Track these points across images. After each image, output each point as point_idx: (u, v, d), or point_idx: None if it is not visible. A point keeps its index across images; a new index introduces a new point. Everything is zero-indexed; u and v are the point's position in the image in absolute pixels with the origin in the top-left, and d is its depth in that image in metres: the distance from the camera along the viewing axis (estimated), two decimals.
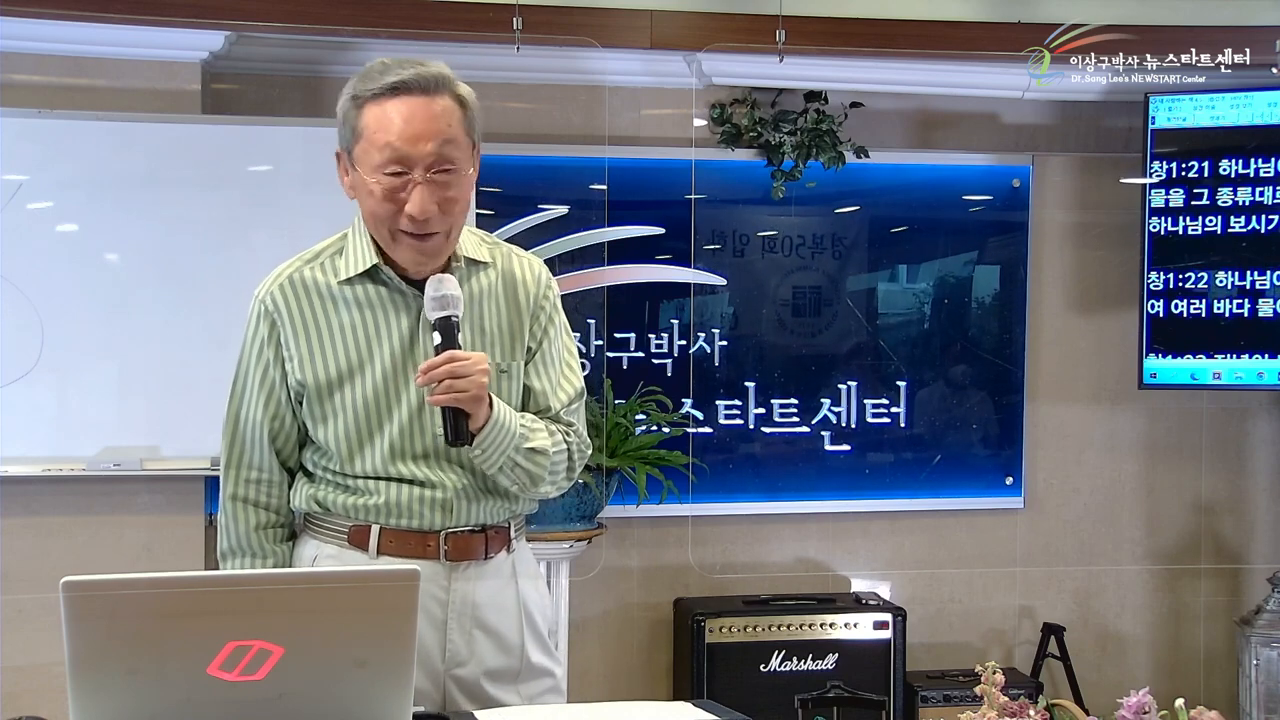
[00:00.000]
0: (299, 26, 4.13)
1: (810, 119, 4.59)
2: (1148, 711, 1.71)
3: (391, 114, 2.15)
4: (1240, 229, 4.50)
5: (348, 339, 2.25)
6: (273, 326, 2.27)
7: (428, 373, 2.12)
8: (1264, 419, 5.02)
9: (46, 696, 3.60)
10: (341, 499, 2.27)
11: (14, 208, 4.03)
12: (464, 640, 2.28)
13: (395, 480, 2.24)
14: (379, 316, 2.25)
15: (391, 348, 2.24)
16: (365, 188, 2.20)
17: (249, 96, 4.43)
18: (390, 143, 2.15)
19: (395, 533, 2.25)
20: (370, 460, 2.24)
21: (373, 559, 2.25)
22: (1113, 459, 4.97)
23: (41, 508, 4.12)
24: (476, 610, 2.28)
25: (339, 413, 2.24)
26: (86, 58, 4.18)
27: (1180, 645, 5.02)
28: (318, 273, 2.30)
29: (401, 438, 2.24)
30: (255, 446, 2.31)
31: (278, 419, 2.30)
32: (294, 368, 2.26)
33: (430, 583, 2.21)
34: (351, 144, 2.20)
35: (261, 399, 2.30)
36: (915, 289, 4.85)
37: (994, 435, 4.89)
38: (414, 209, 2.15)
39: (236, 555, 2.33)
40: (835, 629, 4.43)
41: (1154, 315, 4.58)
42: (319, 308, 2.27)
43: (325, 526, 2.30)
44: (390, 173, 2.16)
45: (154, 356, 4.11)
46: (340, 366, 2.24)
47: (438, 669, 2.26)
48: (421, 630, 2.17)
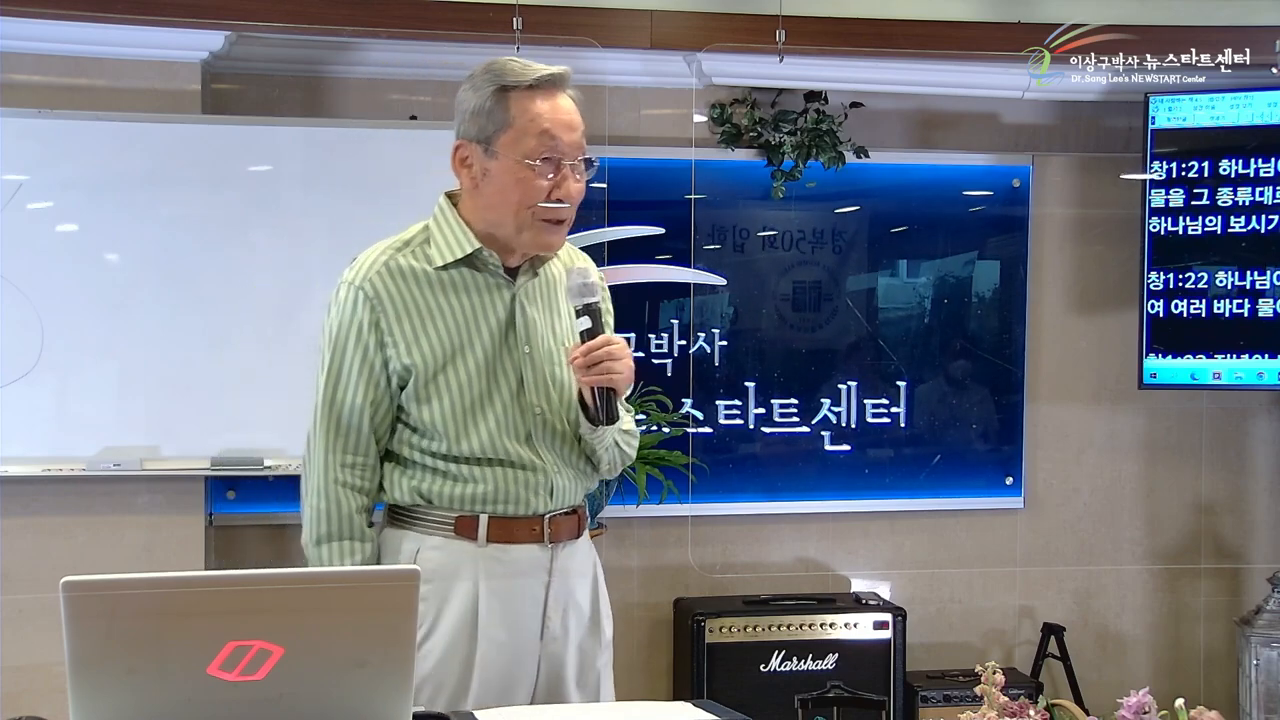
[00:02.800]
0: (299, 26, 4.13)
1: (810, 119, 4.59)
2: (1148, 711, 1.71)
3: (544, 105, 2.31)
4: (1240, 229, 4.50)
5: (449, 322, 2.34)
6: (373, 311, 2.33)
7: (588, 354, 2.28)
8: (1264, 419, 5.02)
9: (46, 696, 3.59)
10: (447, 489, 2.34)
11: (14, 208, 4.03)
12: (559, 618, 2.39)
13: (500, 463, 2.33)
14: (475, 300, 2.36)
15: (491, 330, 2.35)
16: (511, 173, 2.31)
17: (249, 96, 4.43)
18: (547, 130, 2.30)
19: (503, 520, 2.34)
20: (476, 440, 2.32)
21: (481, 547, 2.33)
22: (1113, 459, 4.97)
23: (41, 508, 4.12)
24: (569, 589, 2.40)
25: (444, 393, 2.32)
26: (86, 58, 4.18)
27: (1180, 645, 5.02)
28: (412, 259, 2.37)
29: (506, 418, 2.34)
30: (355, 430, 2.35)
31: (378, 402, 2.34)
32: (400, 351, 2.32)
33: (534, 566, 2.36)
34: (495, 133, 2.32)
35: (363, 383, 2.34)
36: (915, 289, 4.85)
37: (994, 435, 4.89)
38: (564, 193, 2.32)
39: (336, 540, 2.34)
40: (835, 629, 4.44)
41: (1154, 315, 4.58)
42: (418, 292, 2.35)
43: (426, 519, 2.36)
44: (543, 158, 2.30)
45: (154, 356, 4.11)
46: (445, 348, 2.33)
47: (534, 648, 2.37)
48: (521, 611, 2.35)
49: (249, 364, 4.15)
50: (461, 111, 2.36)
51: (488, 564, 2.34)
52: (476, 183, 2.36)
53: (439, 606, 2.33)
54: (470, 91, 2.35)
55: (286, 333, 4.18)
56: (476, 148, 2.34)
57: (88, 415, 4.10)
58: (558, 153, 2.31)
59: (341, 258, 4.18)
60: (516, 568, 2.36)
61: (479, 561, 2.34)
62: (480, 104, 2.33)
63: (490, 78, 2.33)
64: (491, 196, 2.34)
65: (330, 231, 4.22)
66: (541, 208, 2.31)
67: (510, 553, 2.35)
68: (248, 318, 4.17)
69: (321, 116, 4.42)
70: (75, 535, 4.15)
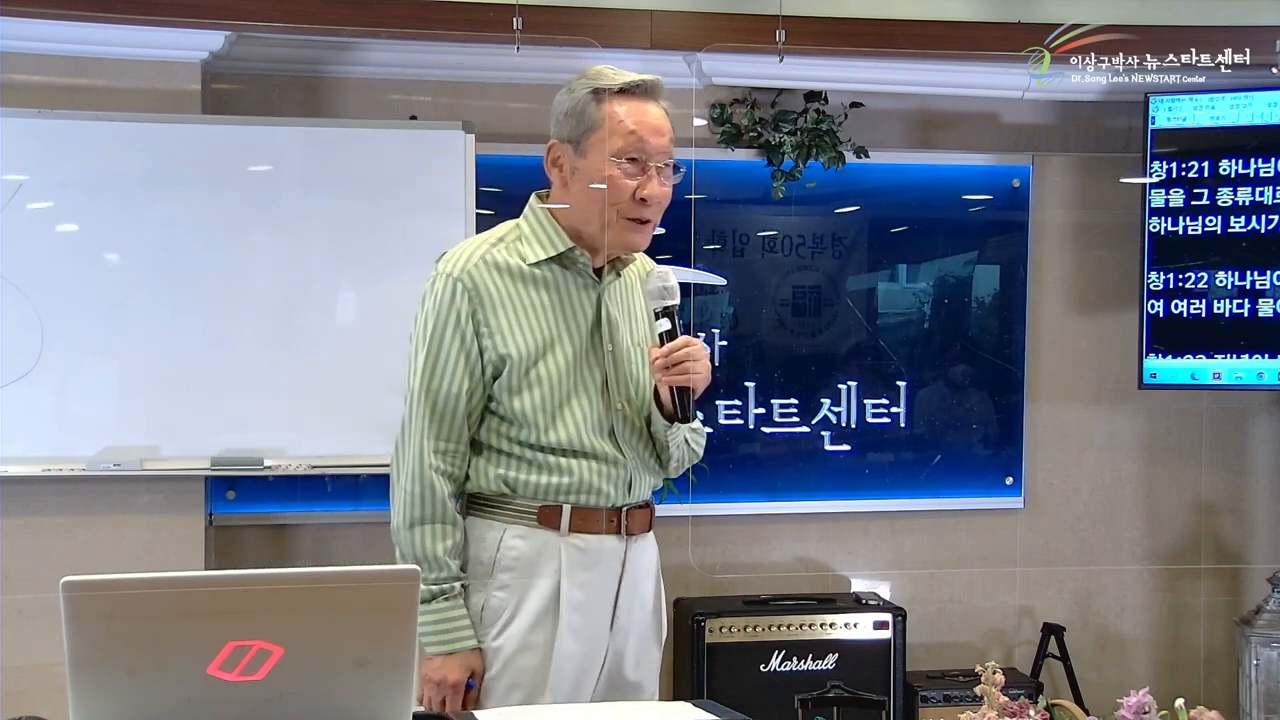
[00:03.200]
0: (299, 26, 4.13)
1: (810, 119, 4.59)
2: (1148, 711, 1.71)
3: (632, 108, 2.44)
4: (1240, 229, 4.50)
5: (542, 316, 2.45)
6: (470, 302, 2.42)
7: (669, 355, 2.40)
8: (1264, 419, 5.02)
9: (46, 696, 3.60)
10: (533, 479, 2.42)
11: (14, 208, 4.03)
12: (626, 611, 2.50)
13: (585, 456, 2.43)
14: (565, 298, 2.47)
15: (580, 326, 2.47)
16: (599, 172, 2.43)
17: (249, 96, 4.43)
18: (634, 132, 2.42)
19: (585, 511, 2.44)
20: (564, 431, 2.41)
21: (563, 536, 2.42)
22: (1113, 459, 4.97)
23: (41, 508, 4.12)
24: (636, 582, 2.51)
25: (536, 385, 2.42)
26: (86, 58, 4.17)
27: (1180, 645, 5.02)
28: (506, 255, 2.47)
29: (591, 412, 2.45)
30: (450, 417, 2.43)
31: (473, 391, 2.43)
32: (496, 341, 2.42)
33: (611, 557, 2.47)
34: (585, 134, 2.44)
35: (460, 371, 2.43)
36: (915, 289, 4.85)
37: (994, 435, 4.89)
38: (649, 193, 2.43)
39: (429, 523, 2.42)
40: (835, 629, 4.43)
41: (1154, 315, 4.58)
42: (512, 286, 2.45)
43: (510, 508, 2.44)
44: (630, 159, 2.42)
45: (154, 356, 4.10)
46: (538, 340, 2.43)
47: (605, 639, 2.48)
48: (597, 601, 2.45)
49: (249, 364, 4.15)
50: (556, 114, 2.48)
51: (569, 553, 2.43)
52: (566, 181, 2.48)
53: (520, 595, 2.42)
54: (566, 95, 2.47)
55: (286, 333, 4.18)
56: (567, 147, 2.46)
57: (88, 415, 4.10)
58: (643, 154, 2.42)
59: (342, 258, 4.24)
60: (595, 558, 2.45)
61: (561, 550, 2.42)
62: (573, 106, 2.45)
63: (585, 82, 2.46)
64: (579, 195, 2.46)
65: (330, 231, 4.22)
66: (626, 206, 2.42)
67: (590, 543, 2.45)
68: (248, 318, 4.17)
69: (321, 116, 4.42)
70: (75, 535, 4.15)
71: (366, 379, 4.19)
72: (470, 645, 2.42)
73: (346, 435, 4.18)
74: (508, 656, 2.42)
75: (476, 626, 2.43)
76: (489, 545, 2.43)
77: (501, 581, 2.43)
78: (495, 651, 2.43)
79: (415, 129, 4.32)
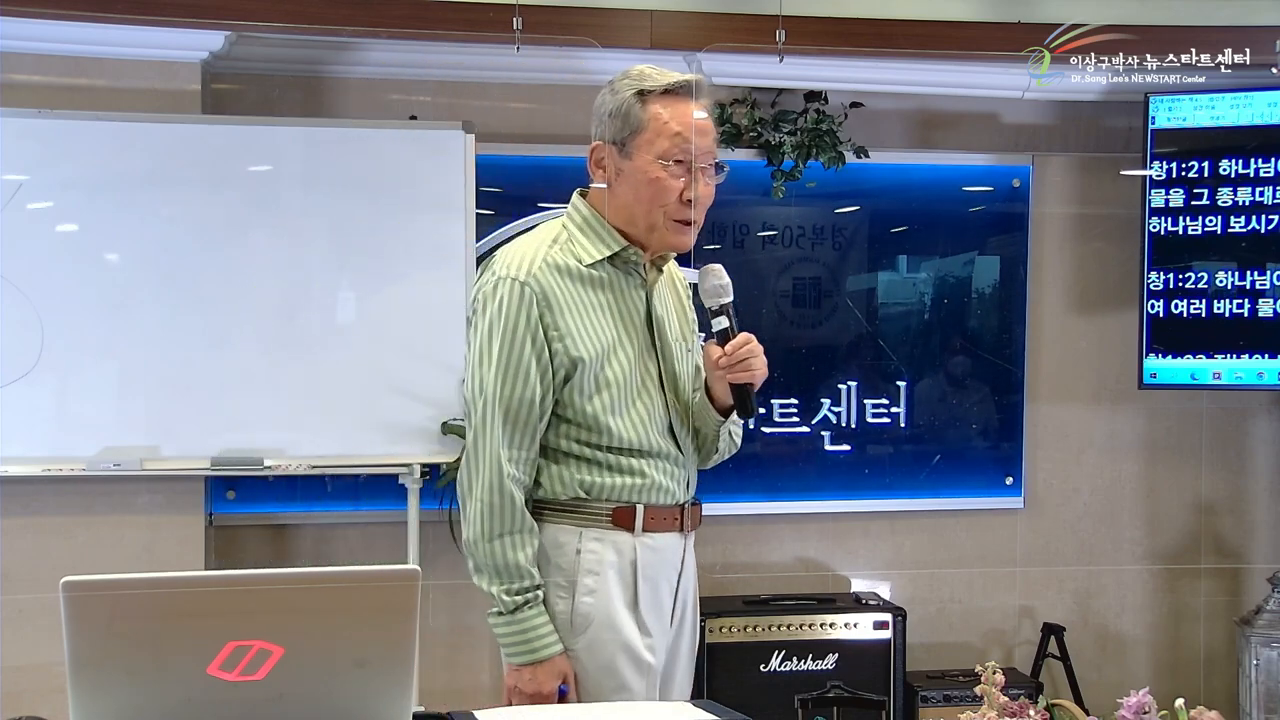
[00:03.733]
0: (299, 26, 4.13)
1: (810, 119, 4.59)
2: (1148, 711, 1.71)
3: (678, 109, 2.42)
4: (1240, 229, 4.50)
5: (603, 316, 2.44)
6: (538, 306, 2.40)
7: (732, 354, 2.44)
8: (1264, 419, 5.02)
9: (46, 696, 3.60)
10: (608, 481, 2.42)
11: (14, 208, 4.03)
12: (682, 604, 2.55)
13: (651, 455, 2.45)
14: (620, 297, 2.47)
15: (637, 325, 2.48)
16: (644, 173, 2.42)
17: (249, 96, 4.43)
18: (679, 133, 2.41)
19: (656, 509, 2.46)
20: (631, 432, 2.42)
21: (637, 537, 2.44)
22: (1113, 459, 4.97)
23: (41, 508, 4.12)
24: (688, 578, 2.57)
25: (606, 386, 2.42)
26: (86, 58, 4.18)
27: (1180, 645, 5.02)
28: (564, 256, 2.45)
29: (652, 411, 2.46)
30: (526, 425, 2.40)
31: (545, 396, 2.41)
32: (568, 344, 2.40)
33: (673, 553, 2.51)
34: (630, 135, 2.42)
35: (534, 376, 2.39)
36: (915, 289, 4.84)
37: (994, 435, 4.89)
38: (694, 194, 2.42)
39: (510, 534, 2.37)
40: (835, 629, 4.43)
41: (1154, 315, 4.58)
42: (575, 288, 2.43)
43: (586, 511, 2.43)
44: (675, 160, 2.41)
45: (154, 356, 4.10)
46: (603, 341, 2.43)
47: (669, 633, 2.52)
48: (663, 599, 2.49)
49: (249, 364, 4.15)
50: (599, 115, 2.47)
51: (643, 553, 2.44)
52: (610, 182, 2.47)
53: (606, 598, 2.41)
54: (609, 95, 2.46)
55: (286, 333, 4.18)
56: (612, 149, 2.45)
57: (88, 415, 4.10)
58: (689, 155, 2.41)
59: (342, 258, 4.24)
60: (663, 556, 2.48)
61: (636, 551, 2.44)
62: (618, 107, 2.43)
63: (629, 83, 2.44)
64: (625, 196, 2.45)
65: (330, 231, 4.22)
66: (673, 208, 2.42)
67: (659, 541, 2.47)
68: (248, 318, 4.17)
69: (321, 116, 4.42)
70: (75, 535, 4.15)
71: (366, 379, 4.19)
72: (558, 650, 2.38)
73: (346, 435, 4.18)
74: (600, 658, 2.41)
75: (566, 633, 2.40)
76: (568, 550, 2.41)
77: (587, 586, 2.40)
78: (586, 654, 2.41)
79: (415, 129, 4.32)
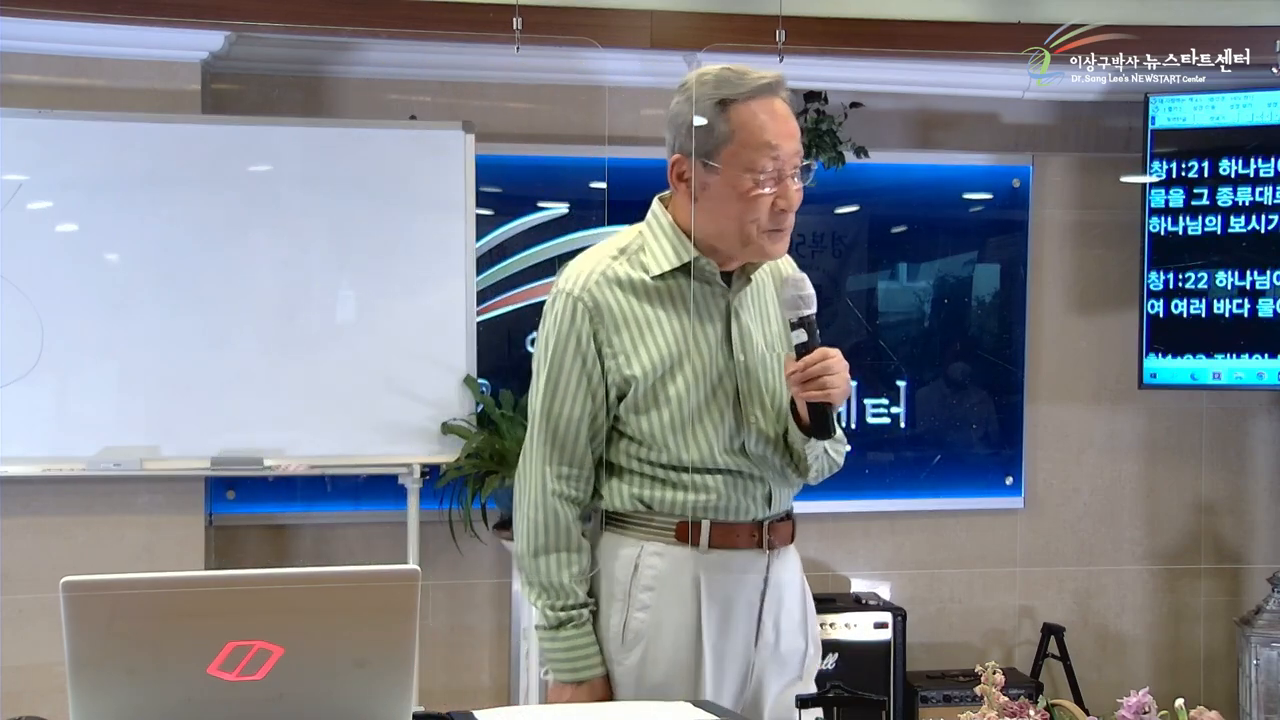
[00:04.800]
0: (299, 26, 4.13)
1: (810, 119, 4.58)
2: (1148, 711, 1.71)
3: (762, 114, 2.27)
4: (1240, 229, 4.50)
5: (667, 332, 2.32)
6: (592, 322, 2.31)
7: (805, 370, 2.26)
8: (1264, 419, 5.02)
9: (46, 696, 3.59)
10: (669, 496, 2.33)
11: (14, 208, 4.03)
12: (772, 623, 2.39)
13: (720, 471, 2.32)
14: (692, 310, 2.35)
15: (708, 340, 2.33)
16: (734, 187, 2.27)
17: (249, 96, 4.43)
18: (769, 141, 2.26)
19: (725, 525, 2.34)
20: (695, 450, 2.31)
21: (704, 553, 2.32)
22: (1113, 459, 4.97)
23: (41, 508, 4.12)
24: (780, 597, 2.40)
25: (664, 404, 2.30)
26: (86, 58, 4.18)
27: (1180, 645, 5.02)
28: (628, 268, 2.34)
29: (723, 427, 2.32)
30: (572, 443, 2.33)
31: (595, 414, 2.33)
32: (620, 362, 2.30)
33: (752, 571, 2.36)
34: (715, 148, 2.28)
35: (581, 395, 2.32)
36: (915, 289, 4.85)
37: (994, 435, 4.89)
38: (785, 203, 2.29)
39: (556, 552, 2.33)
40: (835, 629, 4.43)
41: (1154, 315, 4.58)
42: (635, 302, 2.32)
43: (647, 525, 2.34)
44: (767, 171, 2.26)
45: (154, 356, 4.11)
46: (664, 358, 2.30)
47: (748, 653, 2.38)
48: (739, 618, 2.35)
49: (249, 364, 4.15)
50: (676, 125, 2.33)
51: (709, 570, 2.33)
52: (696, 197, 2.33)
53: (661, 615, 2.33)
54: (685, 104, 2.32)
55: (286, 333, 4.18)
56: (695, 162, 2.31)
57: (88, 415, 4.10)
58: (779, 163, 2.27)
59: (342, 258, 4.24)
60: (737, 575, 2.36)
61: (700, 567, 2.33)
62: (699, 118, 2.30)
63: (707, 91, 2.29)
64: (714, 210, 2.31)
65: (330, 231, 4.22)
66: (766, 219, 2.28)
67: (732, 558, 2.35)
68: (248, 318, 4.17)
69: (321, 116, 4.42)
70: (75, 535, 4.15)
71: (366, 379, 4.20)
72: (598, 674, 2.33)
73: (346, 435, 4.18)
74: (651, 678, 2.33)
75: (616, 648, 2.35)
76: (625, 562, 2.34)
77: (642, 602, 2.33)
78: (636, 672, 2.35)
79: (415, 129, 4.32)
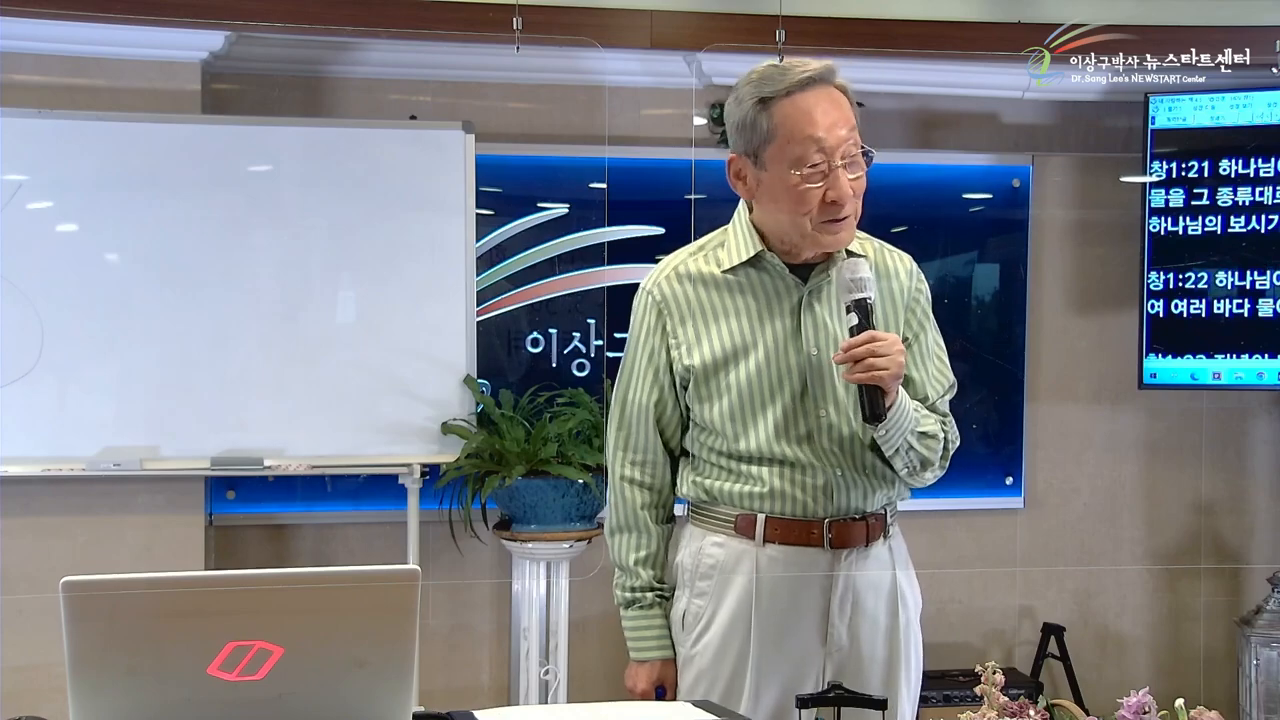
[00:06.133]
0: (299, 26, 4.13)
1: None
2: (1148, 711, 1.71)
3: (804, 107, 2.28)
4: (1240, 229, 4.50)
5: (733, 323, 2.38)
6: (659, 315, 2.42)
7: (848, 351, 2.25)
8: (1264, 419, 5.02)
9: (46, 696, 3.60)
10: (729, 487, 2.38)
11: (14, 208, 4.03)
12: (845, 627, 2.39)
13: (779, 463, 2.35)
14: (761, 302, 2.39)
15: (775, 332, 2.37)
16: (785, 184, 2.30)
17: (249, 96, 4.43)
18: (812, 135, 2.27)
19: (781, 521, 2.36)
20: (756, 438, 2.35)
21: (759, 548, 2.36)
22: (1113, 459, 4.97)
23: (41, 508, 4.12)
24: (857, 598, 2.39)
25: (726, 391, 2.36)
26: (86, 58, 4.18)
27: (1180, 645, 5.02)
28: (701, 263, 2.44)
29: (786, 418, 2.35)
30: (640, 429, 2.44)
31: (662, 403, 2.43)
32: (683, 352, 2.39)
33: (814, 569, 2.37)
34: (760, 146, 2.31)
35: (647, 383, 2.43)
36: None
37: (994, 435, 4.88)
38: (835, 194, 2.29)
39: (623, 532, 2.46)
40: None
41: (1154, 315, 4.58)
42: (704, 295, 2.41)
43: (711, 515, 2.42)
44: (813, 165, 2.27)
45: (154, 356, 4.11)
46: (727, 348, 2.37)
47: (816, 654, 2.38)
48: (799, 615, 2.37)
49: (249, 364, 4.15)
50: (730, 126, 2.37)
51: (765, 564, 2.37)
52: (753, 194, 2.39)
53: (716, 603, 2.39)
54: (734, 105, 2.35)
55: (286, 333, 4.18)
56: (747, 161, 2.36)
57: (88, 415, 4.10)
58: (825, 154, 2.27)
59: (341, 258, 4.24)
60: (794, 570, 2.37)
61: (757, 560, 2.37)
62: (743, 118, 2.32)
63: (750, 90, 2.31)
64: (769, 208, 2.36)
65: (330, 231, 4.22)
66: (818, 213, 2.30)
67: (788, 554, 2.37)
68: (248, 318, 4.17)
69: (321, 116, 4.42)
70: (75, 535, 4.15)
71: (366, 379, 4.20)
72: (660, 656, 2.41)
73: (346, 435, 4.18)
74: (703, 664, 2.39)
75: (678, 632, 2.42)
76: (692, 551, 2.42)
77: (700, 589, 2.40)
78: (691, 659, 2.40)
79: (415, 129, 4.32)
